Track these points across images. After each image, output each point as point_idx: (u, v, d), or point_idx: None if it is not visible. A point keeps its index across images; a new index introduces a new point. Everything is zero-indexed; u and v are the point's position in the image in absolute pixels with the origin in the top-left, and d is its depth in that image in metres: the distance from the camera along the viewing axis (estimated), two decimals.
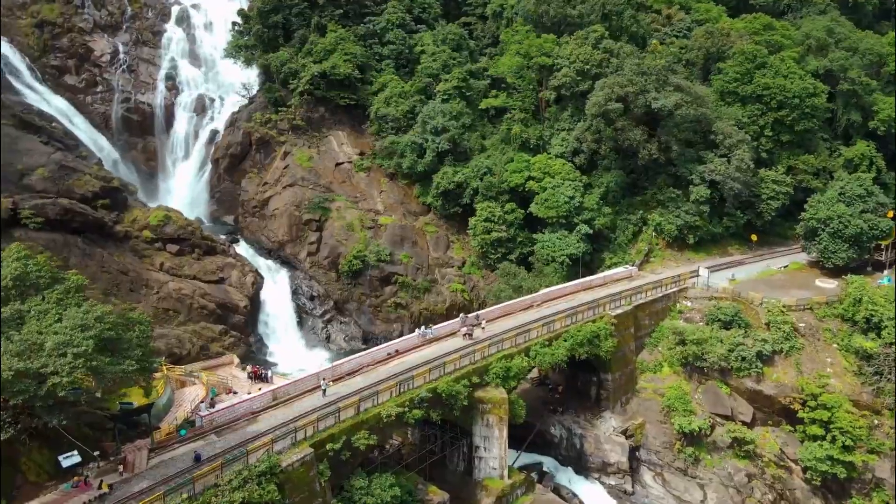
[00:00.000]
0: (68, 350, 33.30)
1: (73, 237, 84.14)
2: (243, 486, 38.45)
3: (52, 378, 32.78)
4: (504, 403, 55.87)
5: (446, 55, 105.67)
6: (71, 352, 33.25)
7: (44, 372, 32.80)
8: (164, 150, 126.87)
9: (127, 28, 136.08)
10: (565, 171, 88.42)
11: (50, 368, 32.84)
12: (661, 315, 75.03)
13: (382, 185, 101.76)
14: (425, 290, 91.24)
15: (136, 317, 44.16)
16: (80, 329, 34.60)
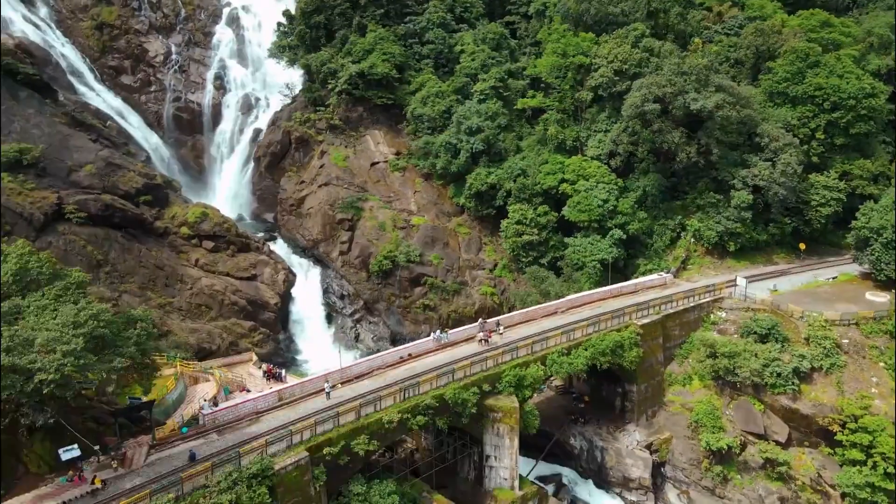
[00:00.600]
0: (58, 347, 33.93)
1: (114, 232, 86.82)
2: (232, 487, 38.44)
3: (38, 374, 33.42)
4: (515, 413, 54.35)
5: (485, 55, 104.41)
6: (60, 349, 33.87)
7: (31, 368, 33.48)
8: (211, 147, 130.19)
9: (180, 29, 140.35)
10: (600, 174, 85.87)
11: (37, 365, 33.51)
12: (692, 326, 71.79)
13: (417, 185, 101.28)
14: (454, 292, 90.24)
15: (138, 314, 44.79)
16: (72, 326, 35.23)
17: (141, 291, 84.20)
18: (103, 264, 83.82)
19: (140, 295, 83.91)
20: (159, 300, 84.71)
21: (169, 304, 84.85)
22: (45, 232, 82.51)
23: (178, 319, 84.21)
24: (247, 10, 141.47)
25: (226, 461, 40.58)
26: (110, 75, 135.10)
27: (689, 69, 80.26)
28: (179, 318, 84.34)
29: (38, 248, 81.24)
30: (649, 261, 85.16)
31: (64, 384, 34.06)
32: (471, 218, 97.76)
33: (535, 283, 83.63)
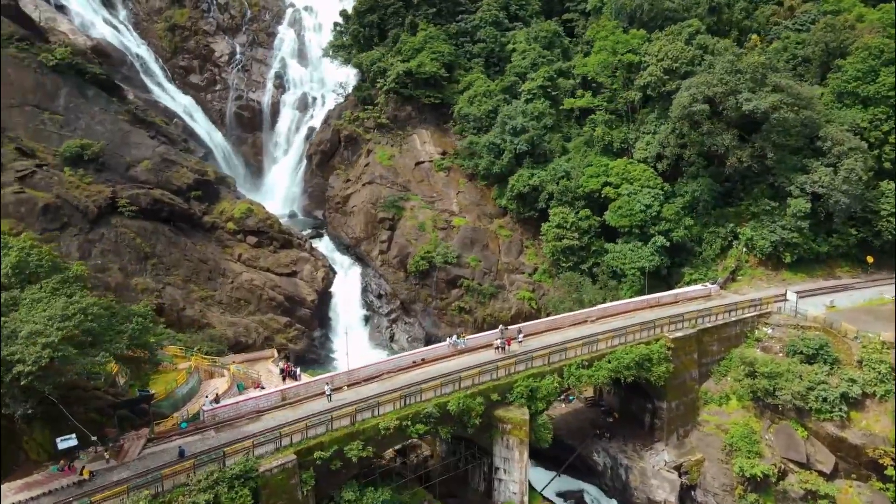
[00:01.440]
0: (39, 339, 34.84)
1: (162, 225, 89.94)
2: (212, 487, 38.44)
3: (17, 366, 34.38)
4: (524, 425, 52.26)
5: (535, 53, 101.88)
6: (41, 341, 34.76)
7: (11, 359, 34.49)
8: (269, 145, 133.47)
9: (245, 30, 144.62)
10: (645, 178, 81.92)
11: (17, 356, 34.49)
12: (733, 341, 67.20)
13: (461, 185, 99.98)
14: (491, 295, 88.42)
15: (137, 309, 45.65)
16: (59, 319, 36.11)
17: (184, 284, 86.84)
18: (150, 256, 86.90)
19: (183, 287, 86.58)
20: (201, 293, 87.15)
21: (210, 298, 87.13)
22: (99, 224, 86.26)
23: (219, 312, 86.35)
24: (309, 10, 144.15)
25: (212, 460, 40.64)
26: (180, 75, 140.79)
27: (745, 67, 75.13)
28: (219, 311, 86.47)
29: (91, 239, 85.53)
30: (695, 270, 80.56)
31: (42, 376, 34.87)
32: (513, 220, 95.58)
33: (570, 290, 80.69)
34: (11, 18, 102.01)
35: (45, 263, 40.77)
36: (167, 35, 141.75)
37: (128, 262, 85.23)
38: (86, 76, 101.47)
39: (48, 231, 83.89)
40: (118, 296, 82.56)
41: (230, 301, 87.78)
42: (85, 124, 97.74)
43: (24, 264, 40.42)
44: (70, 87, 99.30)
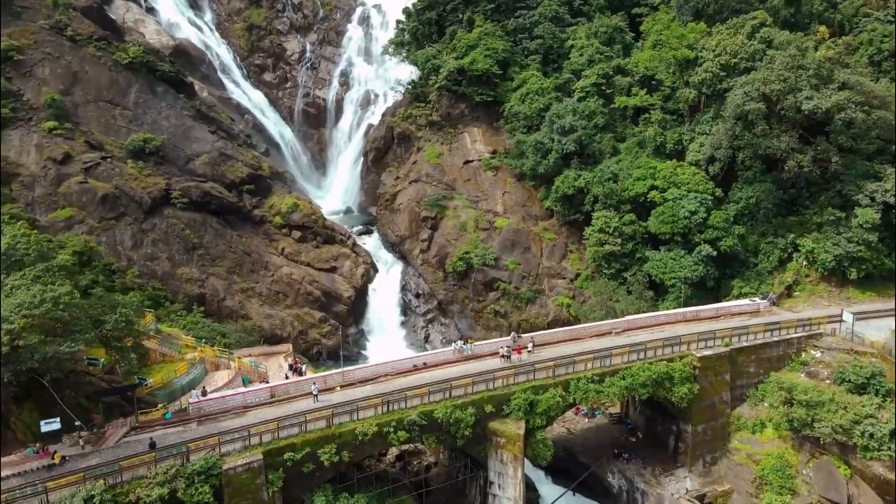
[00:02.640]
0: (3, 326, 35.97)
1: (211, 218, 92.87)
2: (170, 482, 38.49)
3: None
4: (518, 441, 49.46)
5: (593, 49, 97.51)
6: (4, 328, 35.88)
7: None
8: (331, 141, 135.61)
9: (316, 29, 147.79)
10: (694, 182, 76.27)
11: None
12: (775, 363, 61.10)
13: (508, 185, 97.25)
14: (528, 300, 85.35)
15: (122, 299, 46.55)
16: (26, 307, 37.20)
17: (227, 275, 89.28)
18: (198, 247, 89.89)
19: (226, 278, 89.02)
20: (242, 284, 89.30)
21: (251, 290, 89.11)
22: (153, 214, 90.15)
23: (258, 304, 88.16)
24: (378, 8, 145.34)
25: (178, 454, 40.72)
26: (255, 73, 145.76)
27: (808, 63, 68.19)
28: (259, 303, 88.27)
29: (145, 229, 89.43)
30: (746, 283, 74.16)
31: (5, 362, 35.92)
32: (558, 223, 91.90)
33: (603, 299, 76.40)
34: (93, 20, 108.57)
35: (32, 251, 42.33)
36: (245, 34, 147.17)
37: (175, 252, 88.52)
38: (156, 73, 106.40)
39: (105, 220, 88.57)
40: (164, 284, 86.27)
41: (269, 294, 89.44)
42: (151, 119, 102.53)
43: (11, 251, 42.13)
44: (141, 83, 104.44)
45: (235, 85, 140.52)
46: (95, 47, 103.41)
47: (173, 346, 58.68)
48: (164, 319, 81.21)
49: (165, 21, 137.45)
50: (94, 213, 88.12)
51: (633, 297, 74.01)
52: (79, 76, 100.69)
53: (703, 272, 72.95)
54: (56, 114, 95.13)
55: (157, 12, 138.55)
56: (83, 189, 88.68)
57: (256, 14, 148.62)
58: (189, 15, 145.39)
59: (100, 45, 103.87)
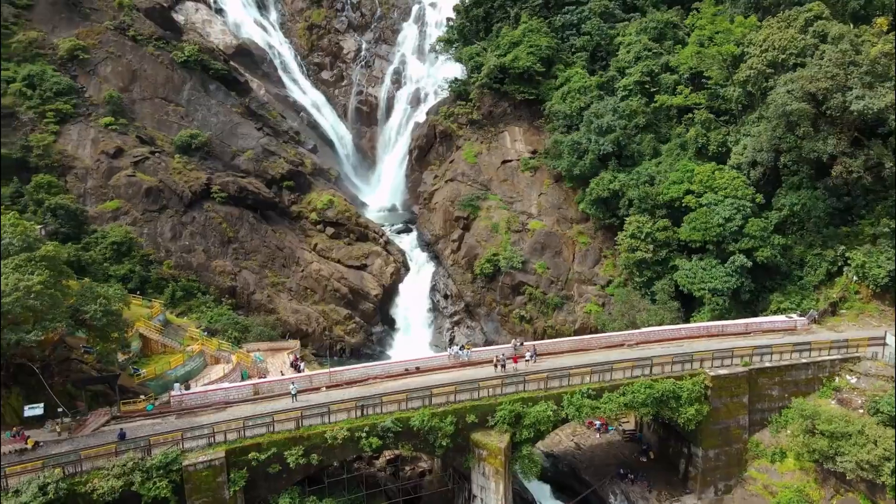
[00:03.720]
0: None
1: (247, 212, 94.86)
2: (127, 474, 38.84)
3: None
4: (500, 454, 47.17)
5: (640, 46, 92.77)
6: None
7: None
8: (381, 139, 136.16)
9: (373, 27, 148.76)
10: (733, 187, 70.97)
11: None
12: (803, 388, 55.77)
13: (545, 186, 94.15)
14: (555, 306, 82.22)
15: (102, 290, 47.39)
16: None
17: (259, 269, 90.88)
18: (233, 241, 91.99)
19: (257, 272, 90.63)
20: (273, 279, 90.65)
21: (281, 284, 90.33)
22: (192, 207, 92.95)
23: (286, 299, 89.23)
24: (434, 6, 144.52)
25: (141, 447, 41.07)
26: (314, 71, 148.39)
27: (861, 59, 61.90)
28: (287, 298, 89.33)
29: (184, 221, 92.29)
30: (786, 298, 68.30)
31: None
32: (594, 227, 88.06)
33: (624, 309, 72.34)
34: (154, 20, 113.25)
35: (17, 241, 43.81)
36: (305, 34, 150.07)
37: (211, 245, 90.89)
38: (209, 71, 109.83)
39: (148, 212, 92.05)
40: (198, 276, 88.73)
41: (298, 289, 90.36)
42: (202, 116, 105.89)
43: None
44: (194, 81, 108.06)
45: (295, 83, 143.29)
46: (154, 46, 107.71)
47: (178, 337, 59.76)
48: (195, 310, 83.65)
49: (232, 21, 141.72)
50: (139, 205, 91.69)
51: (657, 308, 69.63)
52: (137, 74, 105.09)
53: (735, 284, 67.75)
54: (113, 110, 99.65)
55: (224, 13, 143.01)
56: (130, 182, 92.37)
57: (317, 14, 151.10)
58: (255, 15, 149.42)
59: (158, 44, 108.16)
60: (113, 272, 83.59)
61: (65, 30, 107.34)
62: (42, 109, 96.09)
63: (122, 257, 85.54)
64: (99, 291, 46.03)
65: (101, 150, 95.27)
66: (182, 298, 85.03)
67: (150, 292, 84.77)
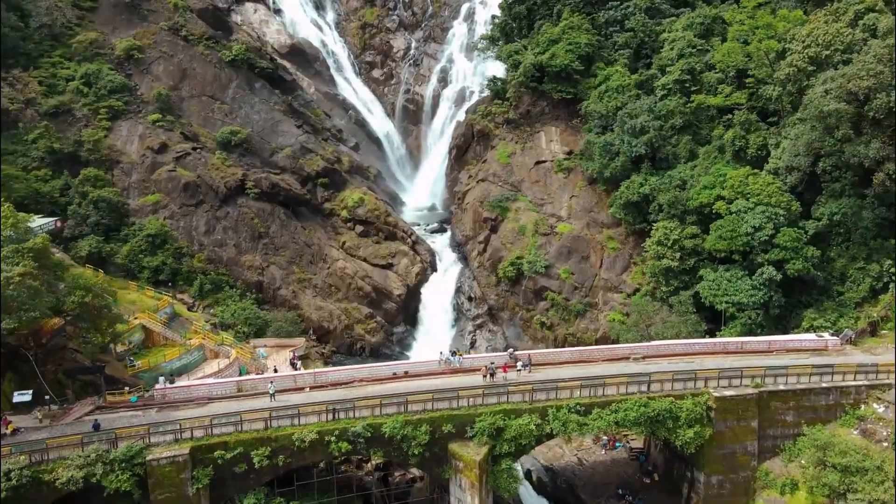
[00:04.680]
0: None
1: (279, 208, 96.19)
2: (89, 465, 39.53)
3: None
4: (475, 467, 45.33)
5: (684, 42, 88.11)
6: None
7: None
8: (425, 138, 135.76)
9: (424, 26, 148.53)
10: (767, 193, 66.04)
11: None
12: (823, 414, 51.02)
13: (577, 188, 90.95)
14: (578, 313, 79.19)
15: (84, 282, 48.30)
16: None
17: (287, 265, 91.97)
18: (263, 236, 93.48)
19: (285, 268, 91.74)
20: (300, 275, 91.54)
21: (307, 281, 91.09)
22: (227, 203, 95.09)
23: (311, 295, 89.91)
24: (484, 3, 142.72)
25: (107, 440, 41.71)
26: (366, 70, 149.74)
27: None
28: (312, 295, 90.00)
29: (218, 216, 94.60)
30: (821, 315, 62.94)
31: None
32: (626, 232, 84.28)
33: (639, 319, 68.55)
34: (206, 21, 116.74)
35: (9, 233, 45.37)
36: (358, 33, 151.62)
37: (242, 240, 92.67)
38: (255, 70, 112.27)
39: (185, 206, 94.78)
40: (228, 270, 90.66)
41: (323, 286, 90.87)
42: (245, 113, 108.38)
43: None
44: (240, 79, 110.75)
45: (346, 82, 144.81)
46: (204, 46, 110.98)
47: (184, 330, 60.86)
48: (221, 303, 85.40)
49: (289, 21, 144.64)
50: (177, 199, 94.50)
51: (674, 321, 65.64)
52: (187, 73, 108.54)
53: (763, 298, 63.00)
54: (161, 107, 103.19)
55: (283, 13, 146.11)
56: (171, 177, 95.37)
57: (370, 13, 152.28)
58: (312, 15, 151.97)
59: (209, 43, 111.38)
60: (146, 263, 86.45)
61: (124, 30, 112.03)
62: (96, 106, 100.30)
63: (157, 249, 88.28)
64: (80, 283, 47.11)
65: (146, 145, 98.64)
66: (210, 291, 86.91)
67: (181, 284, 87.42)
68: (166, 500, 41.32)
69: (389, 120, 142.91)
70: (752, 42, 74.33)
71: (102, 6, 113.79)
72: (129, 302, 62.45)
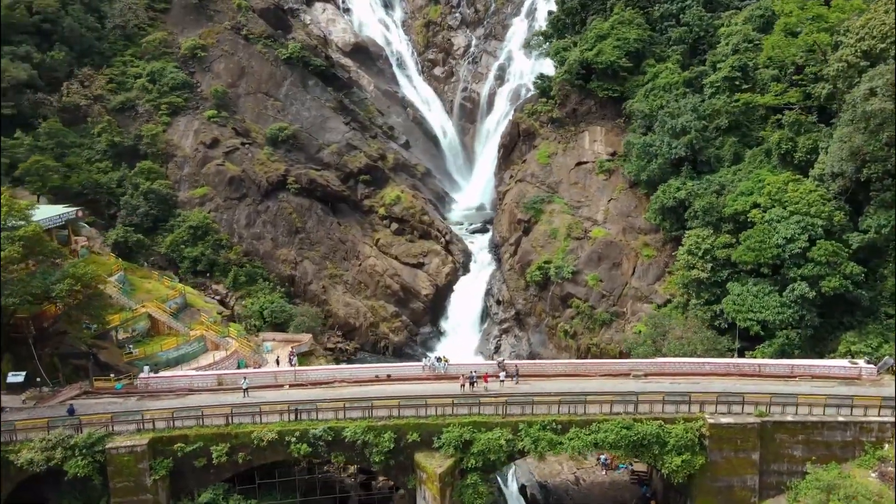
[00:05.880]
0: None
1: (317, 204, 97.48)
2: (50, 449, 40.86)
3: None
4: (435, 480, 43.46)
5: (739, 37, 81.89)
6: None
7: None
8: (480, 136, 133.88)
9: (485, 23, 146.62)
10: (807, 201, 59.87)
11: None
12: (837, 451, 45.39)
13: (617, 191, 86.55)
14: (603, 323, 75.23)
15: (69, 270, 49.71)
16: None
17: (320, 260, 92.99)
18: (300, 231, 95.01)
19: (318, 263, 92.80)
20: (332, 270, 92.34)
21: (338, 277, 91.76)
22: (268, 197, 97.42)
23: (341, 291, 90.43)
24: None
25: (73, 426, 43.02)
26: (428, 67, 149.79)
27: None
28: (342, 291, 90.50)
29: (259, 210, 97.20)
30: (863, 339, 56.28)
31: None
32: (663, 238, 79.25)
33: (652, 333, 63.81)
34: (267, 20, 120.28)
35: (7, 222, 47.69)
36: (422, 31, 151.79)
37: (279, 234, 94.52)
38: (309, 68, 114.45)
39: (229, 199, 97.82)
40: (263, 263, 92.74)
41: (353, 282, 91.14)
42: (296, 110, 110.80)
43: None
44: (294, 77, 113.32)
45: (408, 80, 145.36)
46: (263, 44, 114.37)
47: (193, 321, 62.28)
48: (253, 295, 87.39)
49: (357, 20, 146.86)
50: (222, 192, 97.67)
51: (690, 336, 60.67)
52: (245, 70, 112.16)
53: (792, 317, 57.11)
54: (217, 103, 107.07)
55: (351, 12, 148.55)
56: (218, 171, 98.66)
57: (434, 10, 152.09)
58: (381, 14, 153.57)
59: (267, 42, 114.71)
60: (186, 254, 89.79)
61: (192, 30, 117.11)
62: (158, 102, 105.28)
63: (197, 240, 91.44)
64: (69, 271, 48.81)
65: (200, 140, 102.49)
66: (244, 283, 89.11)
67: (217, 275, 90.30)
68: (125, 488, 42.15)
69: (448, 118, 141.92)
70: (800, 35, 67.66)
71: (174, 7, 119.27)
72: (146, 291, 64.62)
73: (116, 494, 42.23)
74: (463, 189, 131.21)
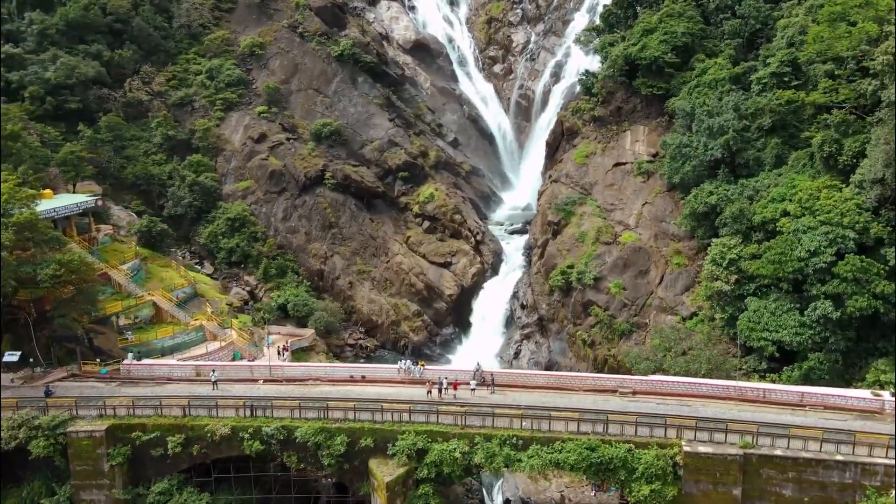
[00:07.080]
0: None
1: (351, 199, 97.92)
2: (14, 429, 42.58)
3: None
4: (384, 489, 41.94)
5: (794, 29, 75.18)
6: None
7: None
8: (533, 134, 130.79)
9: (546, 19, 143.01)
10: (839, 211, 53.68)
11: None
12: (834, 494, 39.96)
13: (653, 194, 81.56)
14: (623, 333, 70.94)
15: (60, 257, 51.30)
16: None
17: (350, 255, 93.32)
18: (333, 226, 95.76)
19: (348, 258, 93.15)
20: (361, 266, 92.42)
21: (366, 273, 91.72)
22: (306, 192, 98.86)
23: (367, 288, 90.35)
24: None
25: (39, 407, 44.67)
26: (488, 65, 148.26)
27: None
28: (368, 287, 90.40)
29: (296, 204, 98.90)
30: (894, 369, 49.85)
31: None
32: (697, 245, 73.83)
33: (657, 349, 58.97)
34: (323, 18, 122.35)
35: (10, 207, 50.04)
36: (484, 27, 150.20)
37: (313, 228, 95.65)
38: (359, 64, 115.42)
39: (270, 193, 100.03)
40: (295, 256, 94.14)
41: (380, 279, 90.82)
42: (343, 106, 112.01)
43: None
44: (344, 74, 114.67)
45: (468, 77, 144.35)
46: (317, 42, 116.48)
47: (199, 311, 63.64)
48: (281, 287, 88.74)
49: (421, 17, 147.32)
50: (263, 186, 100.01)
51: (698, 353, 55.68)
52: (299, 67, 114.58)
53: (812, 339, 51.28)
54: (269, 99, 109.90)
55: (416, 10, 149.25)
56: (261, 165, 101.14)
57: (496, 7, 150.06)
58: (445, 11, 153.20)
59: (320, 39, 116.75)
60: (223, 245, 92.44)
61: (253, 28, 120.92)
62: (214, 98, 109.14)
63: (234, 232, 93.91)
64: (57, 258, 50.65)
65: (248, 135, 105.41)
66: (274, 276, 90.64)
67: (250, 266, 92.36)
68: (84, 471, 43.37)
69: (504, 116, 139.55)
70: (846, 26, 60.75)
71: (239, 6, 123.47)
72: (161, 279, 66.67)
73: (77, 477, 43.55)
74: (515, 188, 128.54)
